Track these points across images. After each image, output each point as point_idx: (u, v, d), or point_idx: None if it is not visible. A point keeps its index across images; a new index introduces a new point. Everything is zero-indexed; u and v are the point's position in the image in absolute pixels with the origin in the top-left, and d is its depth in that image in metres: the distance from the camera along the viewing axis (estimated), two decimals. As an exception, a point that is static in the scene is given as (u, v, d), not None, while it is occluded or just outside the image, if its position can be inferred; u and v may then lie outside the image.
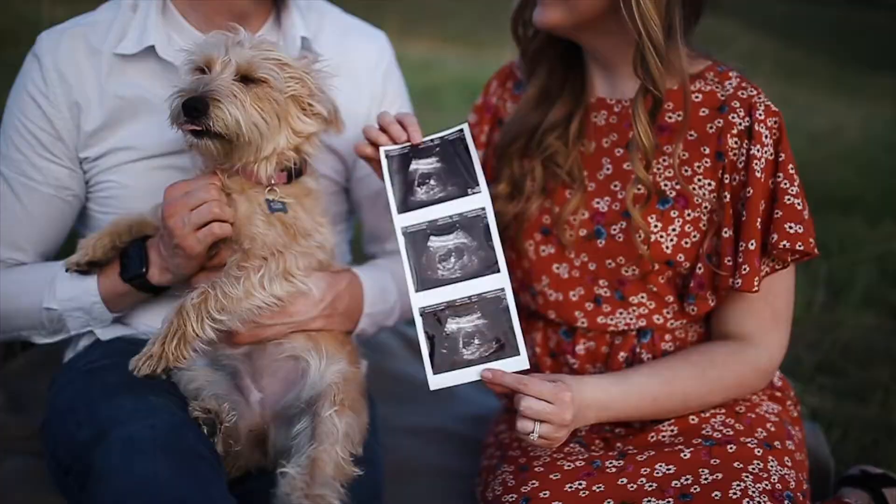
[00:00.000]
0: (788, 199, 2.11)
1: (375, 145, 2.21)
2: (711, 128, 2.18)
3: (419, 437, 2.79)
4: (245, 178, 2.09)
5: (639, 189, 2.19)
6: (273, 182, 2.11)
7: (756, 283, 2.11)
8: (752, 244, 2.11)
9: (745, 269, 2.11)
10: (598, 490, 2.07)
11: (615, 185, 2.28)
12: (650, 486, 2.06)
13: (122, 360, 2.05)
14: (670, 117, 2.22)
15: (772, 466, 2.08)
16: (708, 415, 2.23)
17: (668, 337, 2.30)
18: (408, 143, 2.18)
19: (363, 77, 2.49)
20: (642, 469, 2.10)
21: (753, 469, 2.05)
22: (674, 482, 2.05)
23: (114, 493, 1.68)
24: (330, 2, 2.63)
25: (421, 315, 2.05)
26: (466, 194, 2.12)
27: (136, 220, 2.21)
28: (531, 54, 2.40)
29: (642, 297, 2.27)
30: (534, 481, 2.12)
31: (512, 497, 2.12)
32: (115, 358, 2.13)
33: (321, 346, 2.14)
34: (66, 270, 2.18)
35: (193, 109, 1.91)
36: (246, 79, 1.99)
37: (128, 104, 2.25)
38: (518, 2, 2.37)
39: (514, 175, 2.39)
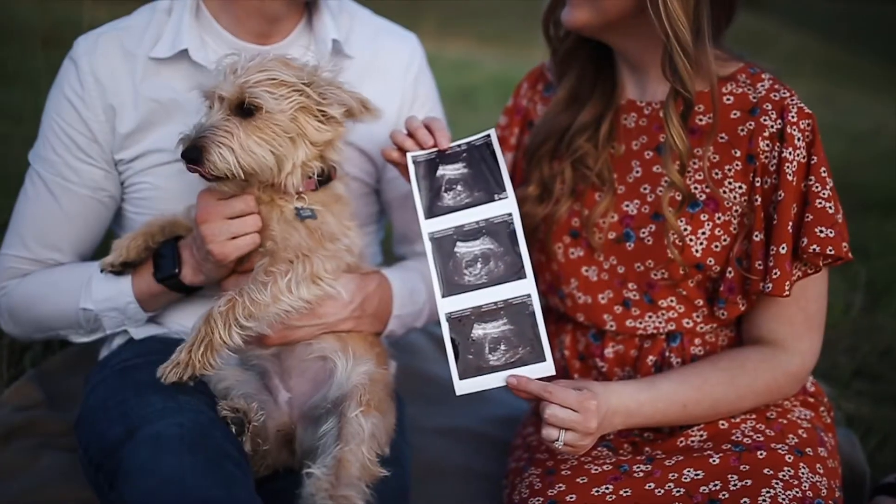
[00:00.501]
0: (820, 203, 2.08)
1: (402, 150, 2.21)
2: (742, 130, 2.16)
3: (448, 438, 2.80)
4: (273, 190, 2.11)
5: (674, 194, 2.17)
6: (301, 190, 2.12)
7: (787, 288, 2.08)
8: (783, 248, 2.08)
9: (775, 274, 2.09)
10: (625, 494, 2.06)
11: (645, 188, 2.27)
12: (678, 491, 2.04)
13: (154, 359, 2.09)
14: (700, 120, 2.20)
15: (803, 473, 2.05)
16: (738, 420, 2.20)
17: (697, 341, 2.28)
18: (435, 149, 2.18)
19: (394, 79, 2.50)
20: (670, 474, 2.09)
21: (784, 476, 2.02)
22: (702, 488, 2.03)
23: (140, 491, 1.70)
24: (369, 1, 2.63)
25: (447, 320, 2.05)
26: (493, 200, 2.12)
27: (169, 221, 2.24)
28: (562, 55, 2.40)
29: (671, 301, 2.25)
30: (560, 485, 2.12)
31: (538, 500, 2.11)
32: (148, 357, 2.17)
33: (349, 347, 2.15)
34: (101, 271, 2.22)
35: (190, 159, 1.95)
36: (242, 109, 1.99)
37: (161, 107, 2.28)
38: (549, 2, 2.37)
39: (544, 177, 2.38)
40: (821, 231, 2.07)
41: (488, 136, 2.18)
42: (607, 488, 2.08)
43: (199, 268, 2.16)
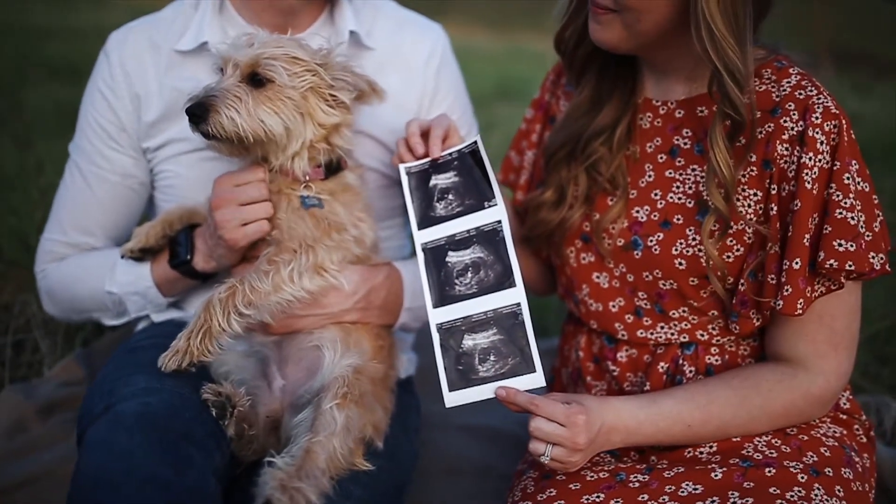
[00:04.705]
0: (840, 214, 1.92)
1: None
2: (761, 133, 2.01)
3: (473, 436, 2.78)
4: (282, 175, 2.14)
5: (715, 226, 2.05)
6: (308, 178, 2.14)
7: (799, 307, 1.94)
8: (796, 263, 1.93)
9: (787, 290, 1.94)
10: (615, 504, 1.97)
11: (656, 194, 2.16)
12: (672, 504, 1.94)
13: (161, 342, 2.15)
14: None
15: (816, 495, 1.90)
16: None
17: (714, 350, 2.16)
18: (428, 159, 2.16)
19: (414, 70, 2.50)
20: (667, 486, 1.98)
21: (792, 496, 1.88)
22: (698, 503, 1.91)
23: (90, 465, 1.76)
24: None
25: (438, 331, 2.02)
26: (483, 207, 2.08)
27: (188, 210, 2.31)
28: (579, 65, 2.29)
29: (683, 312, 2.15)
30: (551, 490, 2.05)
31: (527, 505, 2.05)
32: (157, 339, 2.23)
33: (348, 338, 2.15)
34: (122, 257, 2.31)
35: (193, 115, 1.98)
36: (256, 79, 2.02)
37: (183, 97, 2.33)
38: (562, 22, 2.26)
39: (561, 182, 2.31)
40: (839, 244, 1.91)
41: (475, 143, 2.15)
42: (598, 497, 2.00)
43: (210, 255, 2.22)
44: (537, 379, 1.94)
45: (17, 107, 5.74)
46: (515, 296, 1.99)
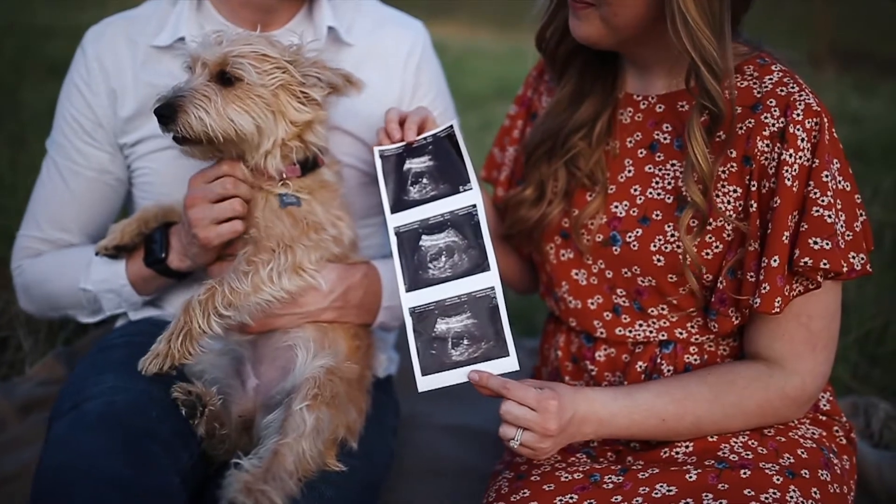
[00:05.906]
0: (817, 211, 1.89)
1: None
2: (741, 129, 1.99)
3: (453, 436, 2.76)
4: (257, 174, 2.12)
5: (693, 222, 2.03)
6: (285, 176, 2.12)
7: (777, 305, 1.91)
8: (775, 261, 1.91)
9: (764, 288, 1.92)
10: (588, 506, 1.95)
11: (635, 189, 2.14)
12: (645, 506, 1.91)
13: (135, 340, 2.16)
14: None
15: (791, 497, 1.87)
16: (730, 434, 2.05)
17: (693, 349, 2.14)
18: (402, 143, 2.15)
19: (394, 67, 2.49)
20: (640, 488, 1.96)
21: (766, 498, 1.86)
22: None
23: (51, 464, 1.75)
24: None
25: (411, 315, 2.00)
26: (458, 192, 2.07)
27: (164, 208, 2.29)
28: (561, 61, 2.28)
29: (662, 309, 2.12)
30: (525, 490, 2.03)
31: (501, 505, 2.03)
32: (131, 337, 2.23)
33: (322, 338, 2.14)
34: (96, 254, 2.30)
35: (162, 116, 1.96)
36: (225, 78, 2.00)
37: (160, 92, 2.33)
38: (544, 20, 2.24)
39: (541, 178, 2.29)
40: (815, 242, 1.89)
41: (451, 127, 2.14)
42: (571, 498, 1.98)
43: (184, 253, 2.20)
44: (511, 363, 1.93)
45: (15, 106, 5.74)
46: (489, 280, 1.98)
